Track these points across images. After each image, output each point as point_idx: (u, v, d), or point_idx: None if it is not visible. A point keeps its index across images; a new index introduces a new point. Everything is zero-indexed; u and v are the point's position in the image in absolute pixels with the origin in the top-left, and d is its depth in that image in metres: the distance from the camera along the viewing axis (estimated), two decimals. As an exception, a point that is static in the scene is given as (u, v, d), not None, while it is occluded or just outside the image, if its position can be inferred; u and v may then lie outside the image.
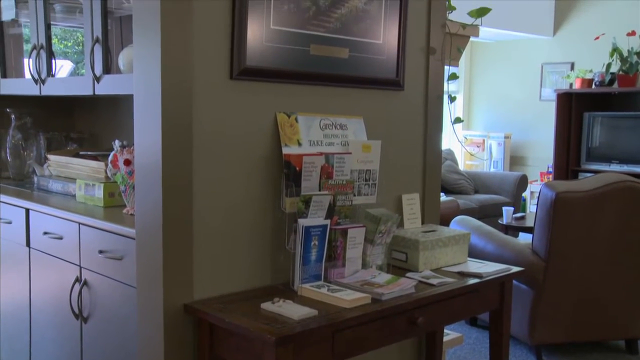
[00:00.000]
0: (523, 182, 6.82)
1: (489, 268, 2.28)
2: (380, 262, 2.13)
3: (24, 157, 3.22)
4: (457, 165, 7.10)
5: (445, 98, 2.65)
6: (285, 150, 2.01)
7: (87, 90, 2.45)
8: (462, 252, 2.36)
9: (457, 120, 2.74)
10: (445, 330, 2.75)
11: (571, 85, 6.82)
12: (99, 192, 2.49)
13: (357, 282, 1.96)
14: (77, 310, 2.34)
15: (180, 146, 1.81)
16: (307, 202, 1.91)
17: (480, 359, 3.62)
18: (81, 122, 3.41)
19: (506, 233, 4.95)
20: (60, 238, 2.43)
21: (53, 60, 2.72)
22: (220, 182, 1.91)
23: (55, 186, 2.84)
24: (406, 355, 2.57)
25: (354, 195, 2.12)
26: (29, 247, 2.64)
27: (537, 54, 7.49)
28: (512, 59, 7.73)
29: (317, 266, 1.95)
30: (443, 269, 2.26)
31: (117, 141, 2.38)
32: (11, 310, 2.82)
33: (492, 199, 6.59)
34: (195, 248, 1.86)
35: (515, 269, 2.32)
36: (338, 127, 2.18)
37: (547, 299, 3.36)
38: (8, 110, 3.16)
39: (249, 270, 1.99)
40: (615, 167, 6.44)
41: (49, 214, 2.48)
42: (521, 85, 7.66)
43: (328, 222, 1.96)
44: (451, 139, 7.16)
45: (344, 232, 2.00)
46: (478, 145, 7.77)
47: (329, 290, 1.88)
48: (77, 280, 2.34)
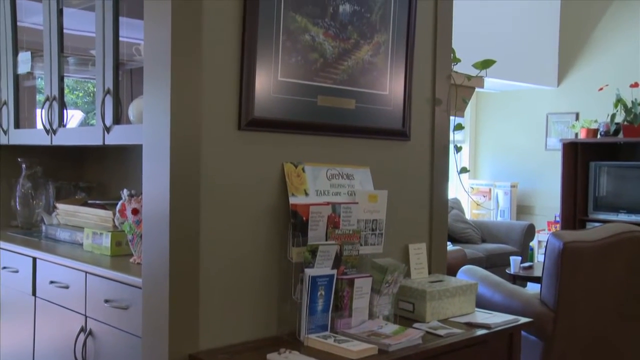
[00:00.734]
0: (530, 231, 6.79)
1: (497, 319, 2.25)
2: (387, 312, 2.12)
3: (33, 205, 3.25)
4: (463, 214, 7.09)
5: (451, 148, 2.67)
6: (292, 200, 2.02)
7: (97, 140, 2.48)
8: (470, 303, 2.34)
9: (463, 170, 2.76)
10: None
11: (576, 135, 6.86)
12: (106, 241, 2.50)
13: (364, 332, 1.94)
14: (81, 361, 2.32)
15: (188, 196, 1.82)
16: (313, 251, 1.91)
17: (490, 413, 3.54)
18: (90, 171, 3.44)
19: (514, 283, 4.90)
20: (67, 287, 2.43)
21: (65, 111, 2.77)
22: (228, 231, 1.92)
23: (62, 235, 2.85)
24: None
25: (361, 245, 2.12)
26: (35, 297, 2.64)
27: (542, 104, 7.56)
28: (517, 109, 7.80)
29: (324, 316, 1.94)
30: (450, 319, 2.24)
31: (125, 190, 2.40)
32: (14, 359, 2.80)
33: (500, 248, 6.55)
34: (201, 297, 1.85)
35: (523, 319, 2.29)
36: (345, 177, 2.20)
37: (557, 350, 3.31)
38: (19, 159, 3.20)
39: (255, 320, 1.98)
40: (623, 217, 6.41)
41: (55, 263, 2.49)
42: (527, 134, 7.70)
43: (335, 272, 1.95)
44: (457, 188, 7.16)
45: (351, 282, 1.99)
46: (484, 195, 7.77)
47: (335, 340, 1.86)
48: (82, 329, 2.33)
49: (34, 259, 2.64)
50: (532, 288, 4.95)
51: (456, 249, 5.08)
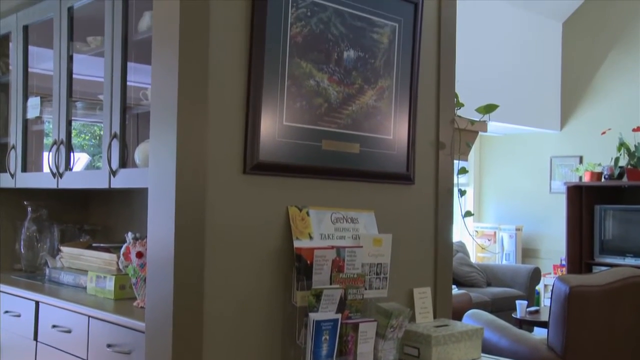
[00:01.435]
0: (536, 275, 6.73)
1: (504, 365, 2.22)
2: (392, 357, 2.09)
3: (37, 248, 3.25)
4: (468, 257, 7.05)
5: (456, 191, 2.68)
6: (297, 244, 2.02)
7: (103, 183, 2.50)
8: (476, 348, 2.31)
9: (468, 214, 2.76)
10: None
11: (580, 178, 6.86)
12: (109, 285, 2.49)
13: (369, 379, 1.92)
14: (82, 407, 2.29)
15: (193, 239, 1.82)
16: (318, 295, 1.90)
17: None
18: (95, 214, 3.45)
19: (520, 327, 4.84)
20: (69, 331, 2.41)
21: (71, 154, 2.80)
22: (232, 274, 1.91)
23: (66, 278, 2.84)
24: None
25: (365, 289, 2.11)
26: (37, 341, 2.61)
27: (546, 147, 7.58)
28: (520, 152, 7.82)
29: (328, 362, 1.92)
30: (457, 365, 2.21)
31: (130, 233, 2.40)
32: (15, 406, 2.76)
33: (505, 292, 6.49)
34: (205, 342, 1.84)
35: (531, 366, 2.26)
36: (349, 220, 2.20)
37: (566, 398, 3.25)
38: (25, 202, 3.22)
39: (258, 366, 1.95)
40: (630, 261, 6.36)
41: (58, 307, 2.47)
42: (531, 178, 7.71)
43: (339, 316, 1.94)
44: (462, 231, 7.14)
45: (355, 327, 1.98)
46: (489, 238, 7.74)
47: (340, 387, 1.83)
48: (84, 375, 2.30)
49: (37, 303, 2.62)
50: (539, 333, 4.89)
51: (461, 293, 5.03)
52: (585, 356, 3.26)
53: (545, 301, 6.58)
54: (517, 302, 5.45)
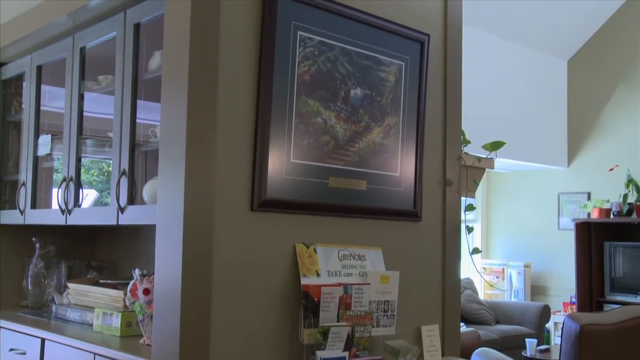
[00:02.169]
0: (546, 312, 6.65)
1: (514, 405, 2.19)
2: (401, 397, 2.06)
3: (44, 285, 3.24)
4: (477, 294, 6.98)
5: (463, 228, 2.67)
6: (304, 281, 2.02)
7: (111, 220, 2.51)
8: (486, 388, 2.28)
9: (475, 250, 2.75)
10: None
11: (589, 214, 6.83)
12: (116, 322, 2.48)
13: (377, 419, 1.89)
14: None
15: (200, 276, 1.82)
16: (325, 333, 1.89)
17: None
18: (102, 250, 3.46)
19: (531, 367, 4.77)
20: (75, 369, 2.39)
21: (80, 191, 2.81)
22: (238, 312, 1.91)
23: (73, 315, 2.83)
24: None
25: (373, 327, 2.09)
26: (42, 379, 2.59)
27: (553, 183, 7.57)
28: (528, 188, 7.81)
29: (336, 401, 1.90)
30: (466, 405, 2.18)
31: (137, 270, 2.40)
32: None
33: (514, 330, 6.41)
34: (211, 381, 1.82)
35: (541, 406, 2.22)
36: (356, 257, 2.20)
37: None
38: (33, 239, 3.23)
39: (265, 405, 1.93)
40: (641, 299, 6.29)
41: (64, 344, 2.46)
42: (539, 214, 7.68)
43: (346, 354, 1.92)
44: (470, 268, 7.09)
45: (363, 366, 1.96)
46: (497, 275, 7.67)
47: None
48: (89, 414, 2.28)
49: (43, 340, 2.61)
50: (550, 372, 4.81)
51: (470, 331, 4.98)
52: (597, 396, 3.21)
53: (556, 339, 6.49)
54: (527, 340, 5.39)
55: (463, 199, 2.66)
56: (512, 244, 7.96)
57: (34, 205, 3.08)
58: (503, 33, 6.54)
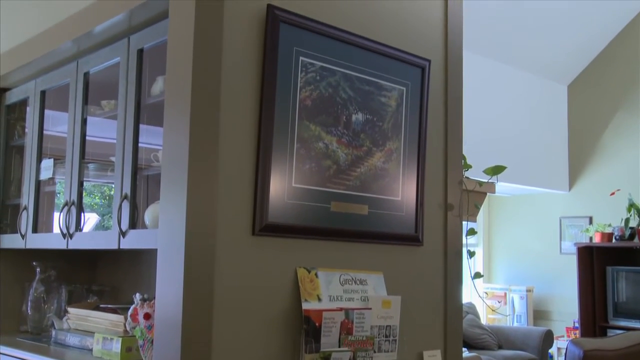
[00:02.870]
0: (549, 337, 6.60)
1: None
2: None
3: (44, 310, 3.23)
4: (479, 319, 6.93)
5: (465, 252, 2.67)
6: (305, 306, 2.01)
7: (113, 244, 2.51)
8: (489, 415, 2.25)
9: (477, 275, 2.74)
10: None
11: (591, 239, 6.81)
12: (116, 347, 2.46)
13: None
14: None
15: (201, 301, 1.82)
16: (326, 358, 1.88)
17: None
18: (103, 275, 3.45)
19: (534, 393, 4.72)
20: (74, 395, 2.37)
21: (82, 215, 2.82)
22: (240, 336, 1.90)
23: (72, 340, 2.82)
24: None
25: (374, 352, 2.08)
26: (40, 406, 2.57)
27: (555, 207, 7.57)
28: (529, 212, 7.80)
29: None
30: None
31: (137, 294, 2.39)
32: None
33: (517, 355, 6.35)
34: (211, 407, 1.81)
35: None
36: (358, 282, 2.19)
37: None
38: (34, 263, 3.22)
39: None
40: (646, 325, 6.25)
41: (64, 369, 2.44)
42: (540, 238, 7.66)
43: (348, 380, 1.91)
44: (472, 292, 7.05)
45: (365, 392, 1.94)
46: (499, 300, 7.63)
47: None
48: None
49: (42, 365, 2.59)
50: (554, 399, 4.76)
51: (472, 356, 4.93)
52: (601, 423, 3.17)
53: (559, 365, 6.43)
54: (530, 366, 5.34)
55: (464, 223, 2.66)
56: (514, 268, 7.93)
57: (35, 230, 3.08)
58: (503, 58, 6.59)
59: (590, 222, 7.17)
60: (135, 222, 2.46)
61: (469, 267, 2.71)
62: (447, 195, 2.58)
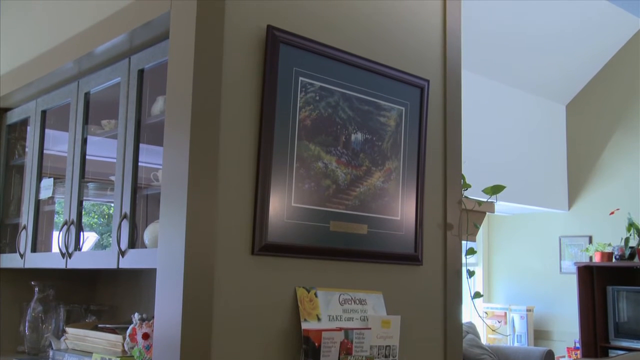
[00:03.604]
0: (549, 357, 6.55)
1: None
2: None
3: (42, 330, 3.21)
4: (479, 338, 6.89)
5: (464, 272, 2.66)
6: (305, 325, 2.00)
7: (112, 263, 2.50)
8: None
9: (477, 295, 2.73)
10: None
11: (591, 258, 6.80)
12: (114, 367, 2.45)
13: None
14: None
15: (201, 320, 1.81)
16: (326, 380, 1.87)
17: None
18: (102, 294, 3.43)
19: (536, 414, 4.68)
20: (71, 416, 2.36)
21: (81, 234, 2.81)
22: (239, 356, 1.89)
23: (70, 360, 2.80)
24: None
25: (374, 373, 2.07)
26: None
27: (554, 227, 7.56)
28: (529, 232, 7.79)
29: None
30: None
31: (136, 314, 2.38)
32: None
33: (519, 376, 6.31)
34: None
35: None
36: (357, 302, 2.19)
37: None
38: (33, 283, 3.21)
39: None
40: (647, 345, 6.21)
41: (62, 390, 2.43)
42: (540, 257, 7.64)
43: (348, 401, 1.90)
44: (472, 311, 7.02)
45: (365, 413, 1.93)
46: (499, 320, 7.59)
47: None
48: None
49: (40, 386, 2.57)
50: (555, 420, 4.72)
51: (473, 377, 4.90)
52: None
53: (561, 386, 6.39)
54: (531, 386, 5.30)
55: (464, 242, 2.66)
56: (514, 287, 7.90)
57: (34, 249, 3.07)
58: (501, 78, 6.63)
59: (590, 242, 7.16)
60: (134, 241, 2.46)
61: (468, 286, 2.71)
62: (447, 214, 2.58)
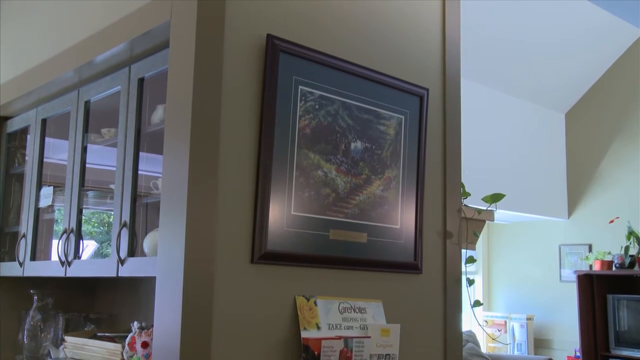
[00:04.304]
0: (550, 366, 6.54)
1: None
2: None
3: (41, 338, 3.20)
4: (479, 347, 6.87)
5: (464, 280, 2.66)
6: (304, 334, 2.00)
7: (111, 272, 2.50)
8: None
9: (477, 303, 2.73)
10: None
11: (591, 266, 6.79)
12: (113, 376, 2.44)
13: None
14: None
15: (200, 329, 1.81)
16: (325, 389, 1.86)
17: None
18: (101, 302, 3.43)
19: None
20: None
21: (81, 242, 2.81)
22: (238, 366, 1.88)
23: (69, 369, 2.79)
24: None
25: (374, 382, 2.06)
26: None
27: (554, 235, 7.55)
28: (529, 240, 7.78)
29: None
30: None
31: (135, 323, 2.38)
32: None
33: (519, 386, 6.29)
34: None
35: None
36: (357, 310, 2.18)
37: None
38: (32, 291, 3.20)
39: None
40: (647, 354, 6.19)
41: (60, 399, 2.42)
42: (540, 266, 7.64)
43: (347, 410, 1.89)
44: (472, 320, 7.00)
45: (364, 422, 1.92)
46: (499, 328, 7.57)
47: None
48: None
49: (39, 395, 2.56)
50: None
51: (473, 386, 4.88)
52: None
53: (561, 395, 6.36)
54: (532, 395, 5.28)
55: (463, 251, 2.66)
56: (514, 296, 7.88)
57: (33, 257, 3.07)
58: (501, 86, 6.64)
59: (590, 250, 7.15)
60: (134, 249, 2.46)
61: (468, 295, 2.70)
62: (446, 223, 2.58)
